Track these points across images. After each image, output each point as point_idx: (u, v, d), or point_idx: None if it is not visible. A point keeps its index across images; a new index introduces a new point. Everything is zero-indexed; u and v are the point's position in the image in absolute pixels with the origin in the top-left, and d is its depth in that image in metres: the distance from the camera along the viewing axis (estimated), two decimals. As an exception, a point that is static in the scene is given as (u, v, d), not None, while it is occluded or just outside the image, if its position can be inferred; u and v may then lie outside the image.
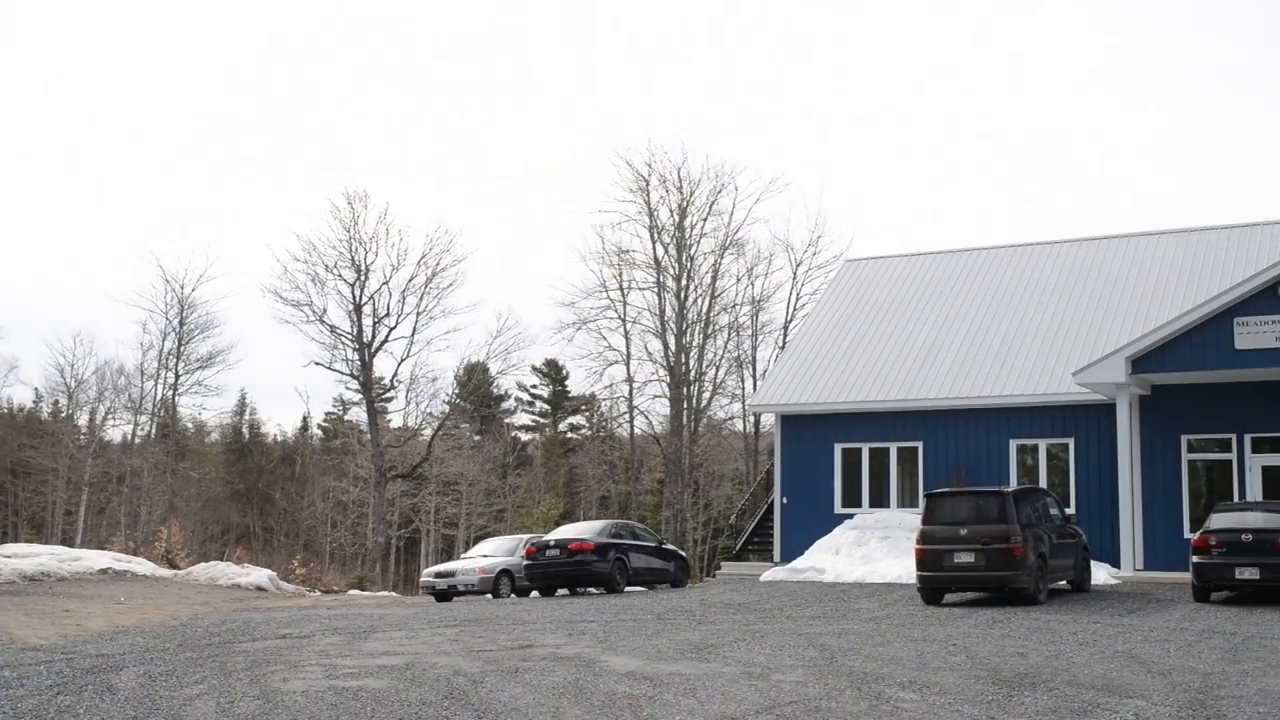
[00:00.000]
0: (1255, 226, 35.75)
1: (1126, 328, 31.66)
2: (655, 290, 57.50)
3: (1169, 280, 33.91)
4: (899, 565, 27.42)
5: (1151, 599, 22.41)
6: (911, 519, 28.01)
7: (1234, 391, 28.50)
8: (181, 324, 62.14)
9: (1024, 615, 19.72)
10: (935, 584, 22.33)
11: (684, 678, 12.87)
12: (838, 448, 32.84)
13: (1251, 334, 26.23)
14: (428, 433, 63.54)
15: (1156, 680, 12.81)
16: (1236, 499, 28.03)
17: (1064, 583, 24.20)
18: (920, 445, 31.98)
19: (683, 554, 33.38)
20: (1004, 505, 21.97)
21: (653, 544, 31.16)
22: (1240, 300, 26.34)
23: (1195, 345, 26.81)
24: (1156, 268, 34.78)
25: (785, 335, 57.70)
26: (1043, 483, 30.18)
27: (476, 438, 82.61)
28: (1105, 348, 30.17)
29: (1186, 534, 27.77)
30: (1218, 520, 22.46)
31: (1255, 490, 28.45)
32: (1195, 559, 21.98)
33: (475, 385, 69.06)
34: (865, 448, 32.62)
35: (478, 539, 62.62)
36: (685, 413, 57.77)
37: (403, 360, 55.08)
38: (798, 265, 59.60)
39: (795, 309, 58.66)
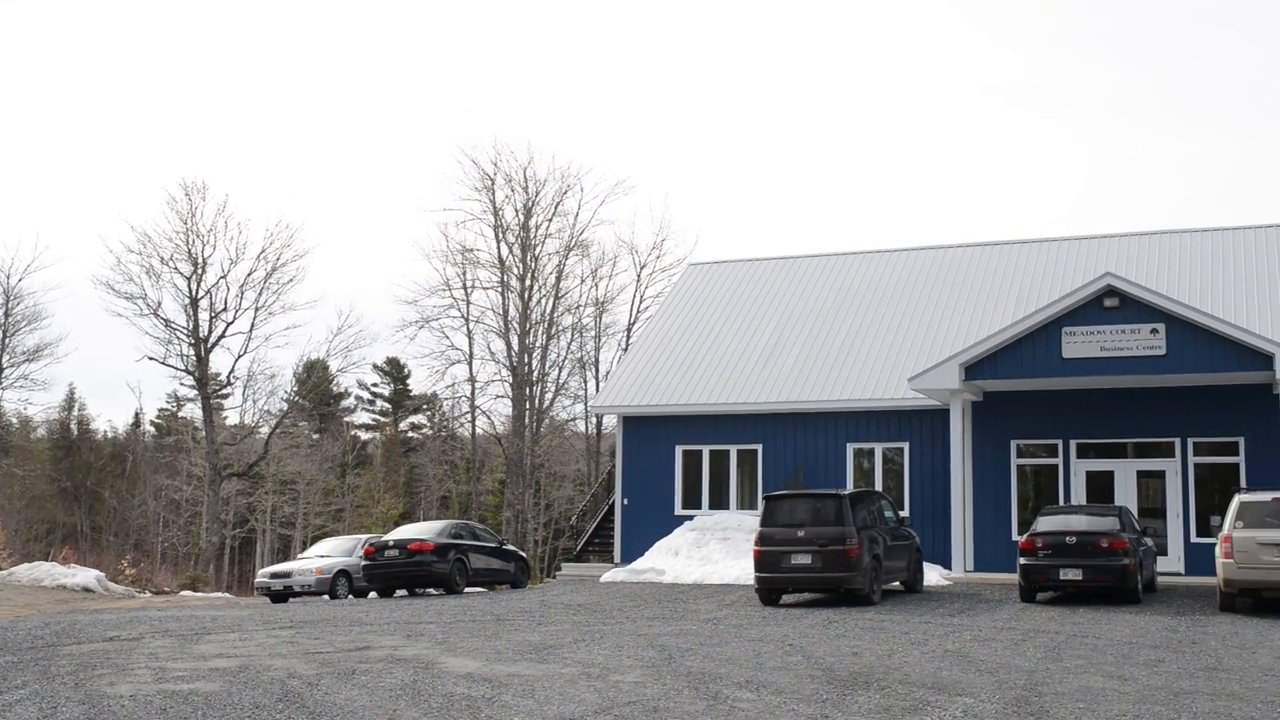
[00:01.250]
0: (1084, 240, 36.93)
1: (961, 335, 32.46)
2: (499, 290, 57.29)
3: (1002, 289, 34.85)
4: (738, 566, 27.72)
5: (981, 599, 23.00)
6: (750, 521, 28.33)
7: (1061, 398, 29.42)
8: (6, 315, 59.99)
9: (859, 615, 20.08)
10: (773, 585, 22.62)
11: (523, 679, 12.84)
12: (678, 449, 33.06)
13: (1078, 343, 27.10)
14: (265, 430, 62.37)
15: (984, 678, 13.15)
16: (1062, 503, 28.93)
17: (898, 584, 24.70)
18: (760, 448, 32.36)
19: (523, 555, 33.30)
20: (840, 508, 22.35)
21: (493, 545, 31.03)
22: (1068, 311, 27.19)
23: (1025, 353, 27.60)
24: (990, 277, 35.71)
25: (628, 337, 57.95)
26: (878, 486, 30.79)
27: (315, 436, 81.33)
28: (940, 354, 30.88)
29: (1015, 536, 28.58)
30: (1044, 523, 23.16)
31: (1080, 494, 29.40)
32: (1022, 560, 22.63)
33: (315, 383, 68.11)
34: (706, 450, 32.90)
35: (315, 539, 61.57)
36: (527, 413, 57.65)
37: (240, 356, 54.12)
38: (642, 268, 59.96)
39: (639, 311, 58.99)
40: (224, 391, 61.63)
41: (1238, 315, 30.23)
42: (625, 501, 33.24)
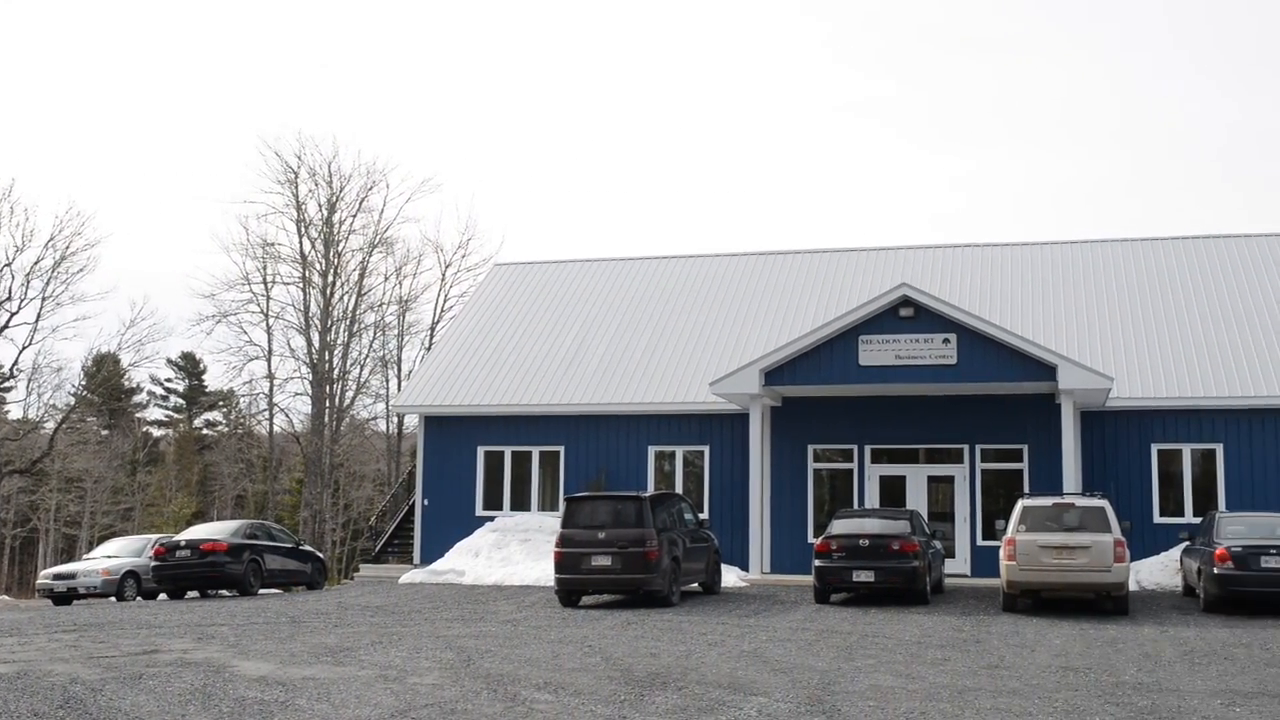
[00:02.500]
0: (882, 251, 37.95)
1: (761, 341, 33.01)
2: (300, 285, 56.19)
3: (803, 297, 35.57)
4: (538, 568, 27.71)
5: (777, 600, 23.42)
6: (552, 522, 28.34)
7: (857, 405, 30.14)
8: None
9: (657, 617, 20.26)
10: (573, 586, 22.67)
11: (318, 682, 12.62)
12: (480, 450, 32.88)
13: (874, 351, 27.79)
14: (50, 426, 60.01)
15: (779, 678, 13.39)
16: (856, 506, 29.65)
17: (696, 585, 24.98)
18: (562, 449, 32.39)
19: (320, 556, 32.75)
20: (641, 510, 22.51)
21: (289, 545, 30.45)
22: (865, 320, 27.86)
23: (824, 360, 28.19)
24: (792, 284, 36.41)
25: (432, 336, 57.46)
26: (679, 488, 31.10)
27: (104, 432, 78.57)
28: (741, 360, 31.37)
29: (810, 539, 29.18)
30: (838, 526, 23.70)
31: (873, 498, 30.18)
32: (817, 562, 23.12)
33: (105, 377, 65.71)
34: (508, 451, 32.79)
35: (102, 539, 59.49)
36: (327, 411, 56.67)
37: (25, 348, 51.85)
38: (447, 267, 59.52)
39: (443, 310, 58.54)
40: (6, 385, 59.12)
41: (1024, 328, 31.44)
42: (426, 502, 32.93)
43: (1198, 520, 26.84)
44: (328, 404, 56.72)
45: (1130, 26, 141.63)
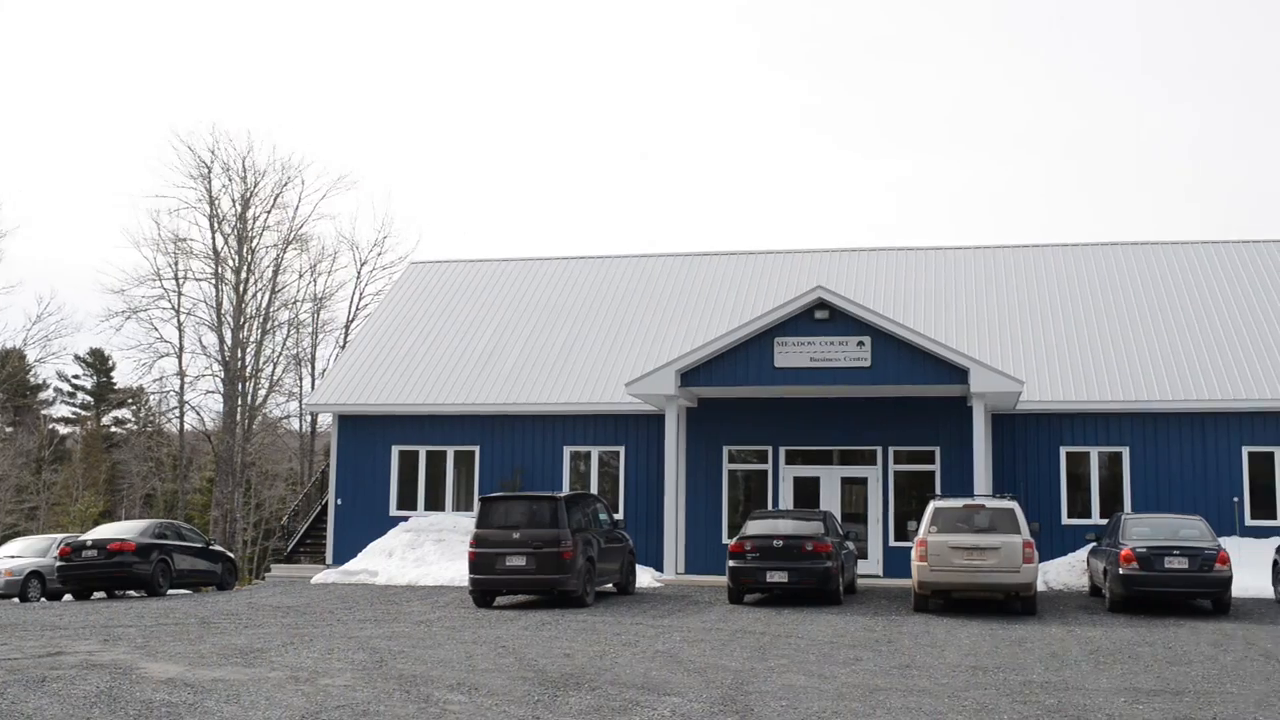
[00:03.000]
0: (799, 253, 38.23)
1: (678, 342, 33.12)
2: (213, 282, 55.49)
3: (719, 299, 35.73)
4: (453, 568, 27.60)
5: (691, 601, 23.49)
6: (466, 522, 28.22)
7: (772, 406, 30.33)
8: None
9: (572, 617, 20.24)
10: (487, 587, 22.59)
11: (228, 684, 12.47)
12: (395, 449, 32.66)
13: (790, 353, 27.96)
14: (-48, 423, 58.79)
15: (692, 678, 13.43)
16: (771, 507, 29.84)
17: (611, 585, 24.99)
18: (477, 449, 32.27)
19: (231, 556, 32.33)
20: (556, 510, 22.49)
21: (199, 545, 30.05)
22: (781, 321, 28.03)
23: (739, 362, 28.32)
24: (708, 286, 36.56)
25: (347, 335, 56.99)
26: (594, 489, 31.12)
27: (9, 430, 77.04)
28: (657, 361, 31.46)
29: (725, 539, 29.33)
30: (753, 527, 23.83)
31: (787, 499, 30.38)
32: (731, 563, 23.22)
33: (10, 373, 64.46)
34: (423, 450, 32.61)
35: (5, 539, 58.32)
36: (240, 410, 56.03)
37: (-75, 342, 50.76)
38: (362, 264, 59.10)
39: (358, 309, 58.10)
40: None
41: (938, 331, 31.82)
42: (339, 502, 32.65)
43: (1104, 522, 27.32)
44: (240, 402, 56.07)
45: (1062, 35, 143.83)
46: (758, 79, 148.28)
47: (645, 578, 27.22)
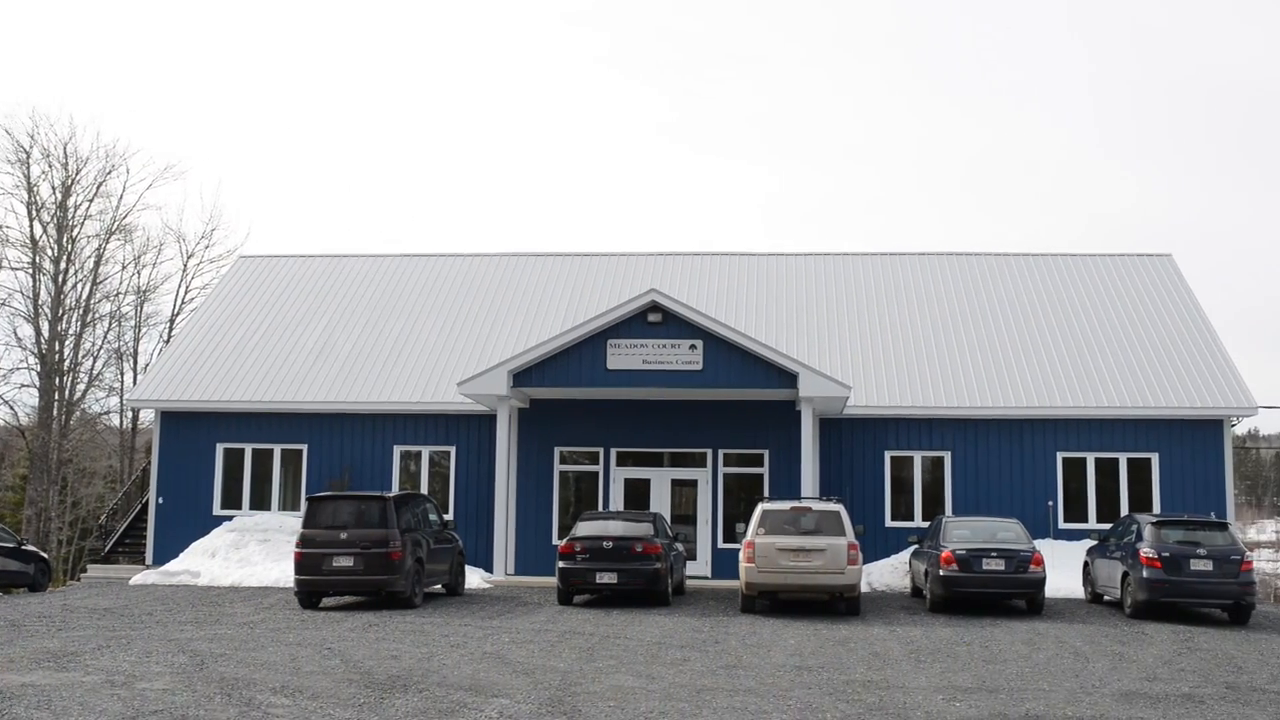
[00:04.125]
0: (632, 256, 38.41)
1: (510, 343, 33.03)
2: (30, 271, 53.51)
3: (552, 300, 35.71)
4: (278, 569, 27.11)
5: (521, 602, 23.44)
6: (293, 522, 27.75)
7: (604, 408, 30.42)
8: None
9: (400, 619, 20.04)
10: (313, 588, 22.24)
11: (38, 689, 12.06)
12: (220, 447, 31.94)
13: (622, 355, 28.08)
14: None
15: (520, 679, 13.41)
16: (601, 509, 29.93)
17: (440, 586, 24.80)
18: (305, 448, 31.73)
19: (45, 556, 31.24)
20: (385, 510, 22.24)
21: (10, 545, 28.98)
22: (614, 324, 28.11)
23: (572, 363, 28.34)
24: (541, 287, 36.52)
25: (171, 329, 55.49)
26: (425, 489, 30.85)
27: None
28: (489, 361, 31.33)
29: (555, 540, 29.32)
30: (583, 528, 23.87)
31: (618, 500, 30.51)
32: (561, 564, 23.22)
33: None
34: (249, 448, 31.94)
35: None
36: (56, 405, 54.15)
37: None
38: (189, 257, 57.53)
39: (184, 302, 56.54)
40: None
41: (769, 336, 32.29)
42: (160, 500, 31.81)
43: (926, 524, 28.01)
44: (57, 397, 54.19)
45: (902, 49, 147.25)
46: (601, 84, 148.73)
47: (475, 579, 27.09)
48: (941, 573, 22.18)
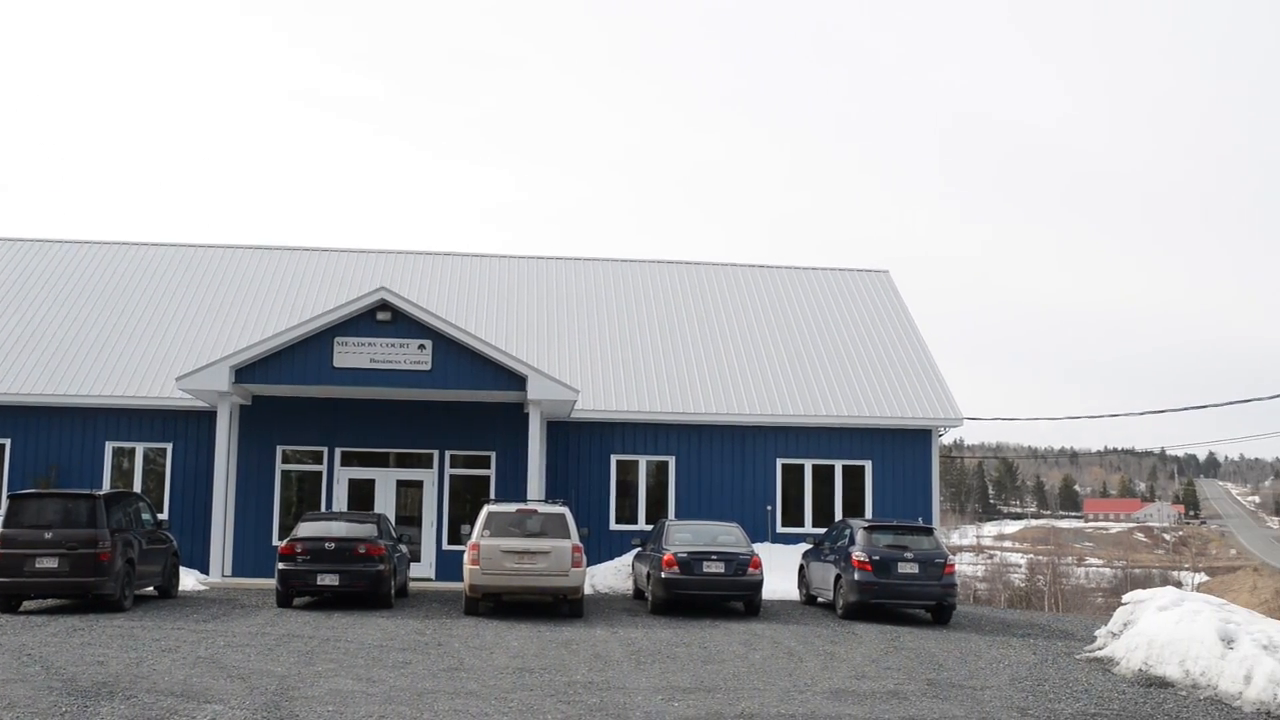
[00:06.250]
0: (363, 253, 37.87)
1: (234, 337, 32.12)
2: None
3: (278, 295, 34.88)
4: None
5: (238, 604, 22.79)
6: (-8, 521, 26.31)
7: (329, 406, 29.88)
8: None
9: (108, 622, 19.23)
10: (13, 590, 21.10)
11: None
12: (-87, 441, 30.08)
13: (350, 354, 27.63)
14: None
15: (236, 684, 13.05)
16: (324, 509, 29.39)
17: (152, 589, 23.90)
18: (8, 443, 30.09)
19: None
20: (94, 510, 21.30)
21: None
22: (342, 321, 27.63)
23: (298, 360, 27.73)
24: (267, 281, 35.63)
25: None
26: (139, 487, 29.68)
27: None
28: (211, 355, 30.38)
29: (276, 541, 28.64)
30: (305, 529, 23.38)
31: (342, 501, 30.00)
32: (281, 565, 22.68)
33: None
34: (-55, 443, 30.17)
35: None
36: None
37: None
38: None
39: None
40: None
41: (499, 338, 32.30)
42: None
43: (650, 527, 28.47)
44: None
45: (663, 63, 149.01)
46: (328, 78, 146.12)
47: (190, 580, 26.22)
48: (663, 575, 22.55)
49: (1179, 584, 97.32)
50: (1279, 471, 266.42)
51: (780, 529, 30.86)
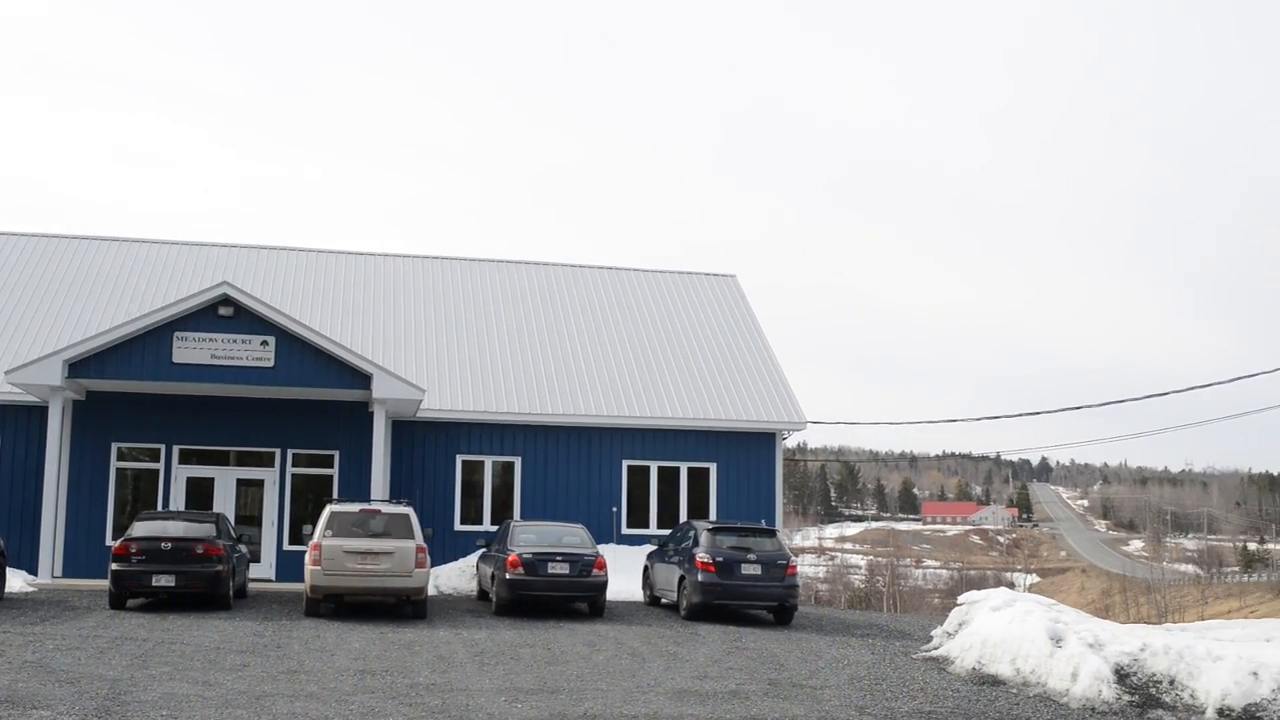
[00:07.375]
0: (204, 247, 37.06)
1: (66, 330, 31.21)
2: None
3: (115, 288, 33.97)
4: None
5: (68, 606, 22.14)
6: None
7: (167, 402, 29.19)
8: None
9: (-72, 624, 18.56)
10: None
11: None
12: None
13: (190, 349, 27.03)
14: None
15: (64, 689, 12.70)
16: (161, 508, 28.70)
17: (-24, 590, 23.12)
18: None
19: None
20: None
21: None
22: (182, 315, 27.03)
23: (135, 355, 27.04)
24: (106, 273, 34.69)
25: None
26: (-37, 484, 28.68)
27: None
28: (42, 348, 29.49)
29: (110, 541, 27.89)
30: (140, 528, 22.80)
31: (180, 500, 29.33)
32: (115, 566, 22.09)
33: None
34: None
35: None
36: None
37: None
38: None
39: None
40: None
41: (344, 335, 31.90)
42: None
43: (495, 528, 28.38)
44: None
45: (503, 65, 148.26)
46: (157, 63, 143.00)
47: (17, 581, 25.38)
48: (508, 576, 22.50)
49: (1012, 585, 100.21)
50: (1107, 476, 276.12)
51: (626, 530, 31.02)
